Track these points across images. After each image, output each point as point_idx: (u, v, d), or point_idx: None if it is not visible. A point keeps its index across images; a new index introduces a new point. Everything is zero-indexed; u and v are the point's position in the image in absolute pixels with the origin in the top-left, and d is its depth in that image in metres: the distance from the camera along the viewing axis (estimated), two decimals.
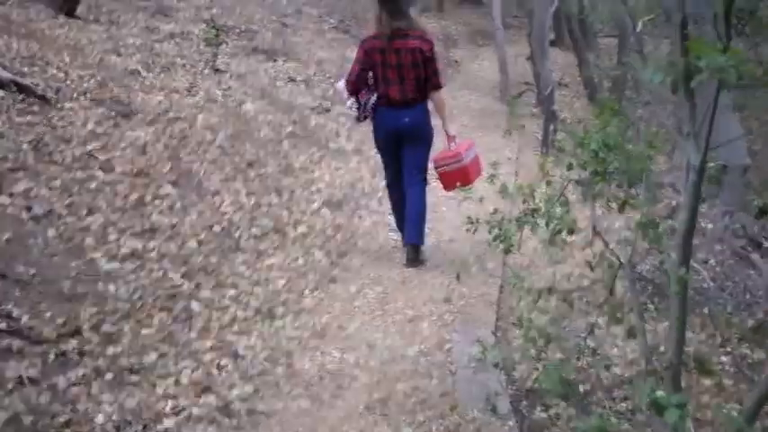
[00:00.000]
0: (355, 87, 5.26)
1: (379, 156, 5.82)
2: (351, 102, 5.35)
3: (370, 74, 5.22)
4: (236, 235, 5.23)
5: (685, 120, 2.39)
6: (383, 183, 7.36)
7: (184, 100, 7.35)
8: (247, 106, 8.08)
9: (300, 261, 5.18)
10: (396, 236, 6.03)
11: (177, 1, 11.64)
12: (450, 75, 15.10)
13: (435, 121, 5.57)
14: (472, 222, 3.96)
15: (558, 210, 3.58)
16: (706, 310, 5.74)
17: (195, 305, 4.16)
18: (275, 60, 10.80)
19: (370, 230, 6.24)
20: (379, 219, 6.59)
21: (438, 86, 5.24)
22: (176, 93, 7.48)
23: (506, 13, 18.27)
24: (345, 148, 8.42)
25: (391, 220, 6.46)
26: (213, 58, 9.14)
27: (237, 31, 11.39)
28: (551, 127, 10.78)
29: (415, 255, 5.30)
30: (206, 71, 8.71)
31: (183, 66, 8.60)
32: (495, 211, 3.93)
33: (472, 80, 15.34)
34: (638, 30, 16.41)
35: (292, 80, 10.11)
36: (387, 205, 6.92)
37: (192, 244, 4.79)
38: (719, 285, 6.26)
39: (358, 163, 8.08)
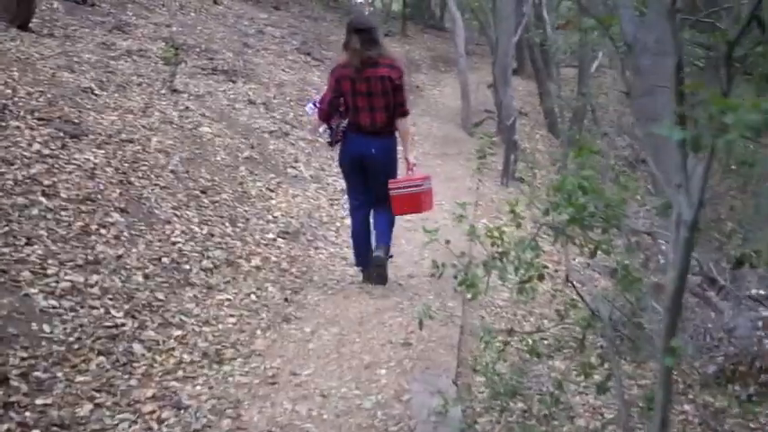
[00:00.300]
0: (327, 115, 5.27)
1: (342, 181, 5.85)
2: (323, 128, 5.40)
3: (342, 100, 5.23)
4: (186, 267, 4.93)
5: (675, 170, 2.19)
6: (344, 212, 7.16)
7: (138, 121, 7.03)
8: (204, 129, 7.79)
9: (253, 297, 4.91)
10: (352, 270, 5.80)
11: (136, 17, 11.30)
12: (412, 100, 14.97)
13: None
14: (438, 267, 3.71)
15: (528, 254, 3.35)
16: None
17: (138, 347, 3.86)
18: (235, 82, 10.51)
19: (326, 263, 5.99)
20: (336, 251, 6.35)
21: (405, 114, 5.25)
22: (130, 113, 7.16)
23: (469, 40, 18.24)
24: (304, 175, 8.17)
25: (349, 253, 6.24)
26: (171, 78, 8.83)
27: (197, 50, 11.09)
28: (512, 157, 10.62)
29: (381, 275, 5.42)
30: (163, 91, 8.40)
31: (140, 85, 8.28)
32: (462, 254, 3.68)
33: (434, 106, 15.23)
34: (597, 61, 16.49)
35: (252, 103, 9.84)
36: (345, 236, 6.70)
37: (138, 278, 4.48)
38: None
39: (316, 191, 7.83)
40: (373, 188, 5.35)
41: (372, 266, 5.37)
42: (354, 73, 5.01)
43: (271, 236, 6.09)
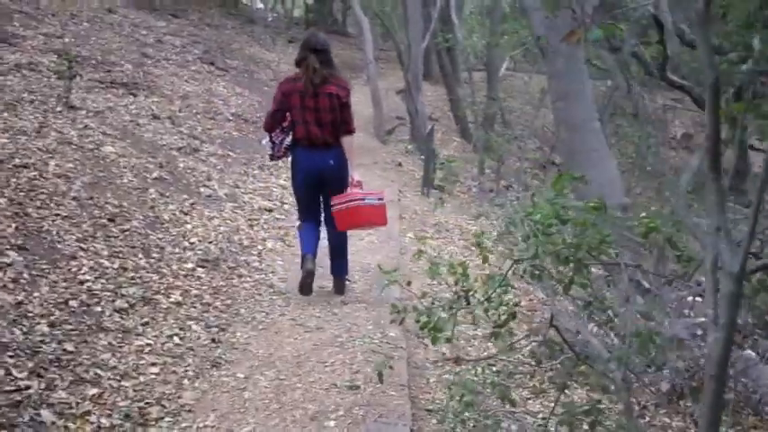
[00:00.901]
0: (270, 127, 5.41)
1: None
2: (265, 141, 5.50)
3: (287, 114, 5.33)
4: (98, 310, 4.36)
5: (712, 211, 1.84)
6: (264, 234, 6.68)
7: (33, 143, 6.35)
8: (107, 148, 7.15)
9: (176, 339, 4.37)
10: (281, 300, 5.34)
11: (23, 28, 10.45)
12: None
13: None
14: (399, 311, 3.30)
15: (502, 294, 2.98)
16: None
17: (47, 414, 3.28)
18: (136, 95, 9.83)
19: (252, 293, 5.49)
20: (261, 278, 5.85)
21: (351, 132, 5.36)
22: (23, 134, 6.48)
23: (373, 45, 17.93)
24: (218, 194, 7.62)
25: (275, 280, 5.78)
26: (66, 93, 8.12)
27: (93, 62, 10.34)
28: (432, 166, 10.32)
29: (342, 284, 5.57)
30: (58, 108, 7.70)
31: (32, 102, 7.56)
32: (424, 295, 3.29)
33: None
34: (505, 65, 16.46)
35: (156, 117, 9.20)
36: (268, 260, 6.23)
37: (43, 327, 3.89)
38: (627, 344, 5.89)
39: (233, 211, 7.30)
40: (328, 202, 5.41)
41: (335, 288, 5.59)
42: (305, 88, 5.13)
43: (189, 265, 5.55)
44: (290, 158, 5.56)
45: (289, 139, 5.34)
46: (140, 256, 5.34)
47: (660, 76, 15.21)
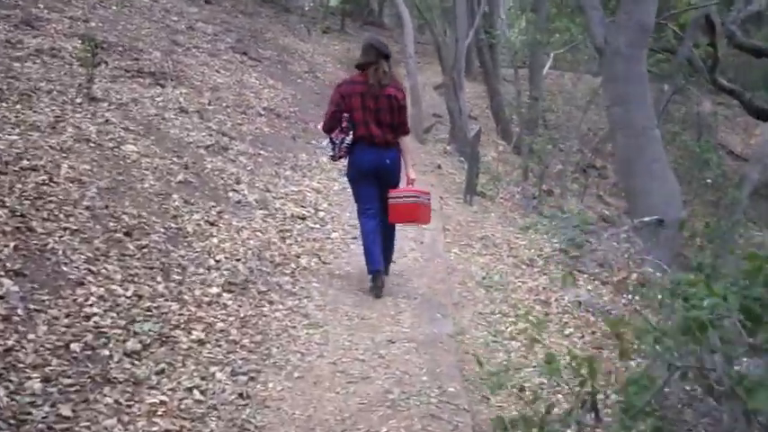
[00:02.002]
0: (330, 128, 5.44)
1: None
2: (326, 142, 5.56)
3: (345, 115, 5.37)
4: (105, 354, 3.61)
5: None
6: (297, 249, 5.95)
7: (46, 140, 5.63)
8: (128, 147, 6.41)
9: (196, 394, 3.60)
10: (318, 335, 4.57)
11: (48, 11, 9.72)
12: None
13: None
14: (506, 428, 2.46)
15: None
16: None
17: None
18: (163, 86, 9.09)
19: (286, 325, 4.71)
20: (295, 304, 5.08)
21: (407, 132, 5.55)
22: (36, 130, 5.76)
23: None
24: (248, 200, 6.86)
25: (310, 306, 5.02)
26: (88, 83, 7.40)
27: (119, 49, 9.60)
28: (475, 171, 9.48)
29: (381, 280, 5.45)
30: (78, 100, 6.97)
31: (49, 92, 6.83)
32: (534, 399, 2.51)
33: None
34: (549, 63, 15.55)
35: (183, 111, 8.45)
36: (303, 282, 5.46)
37: (35, 383, 3.15)
38: None
39: (264, 220, 6.54)
40: (383, 197, 5.51)
41: (374, 282, 5.45)
42: (365, 89, 5.29)
43: (214, 290, 4.79)
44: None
45: (349, 139, 5.38)
46: (159, 279, 4.59)
47: (710, 80, 14.30)
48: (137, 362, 3.67)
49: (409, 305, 5.28)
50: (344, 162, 5.80)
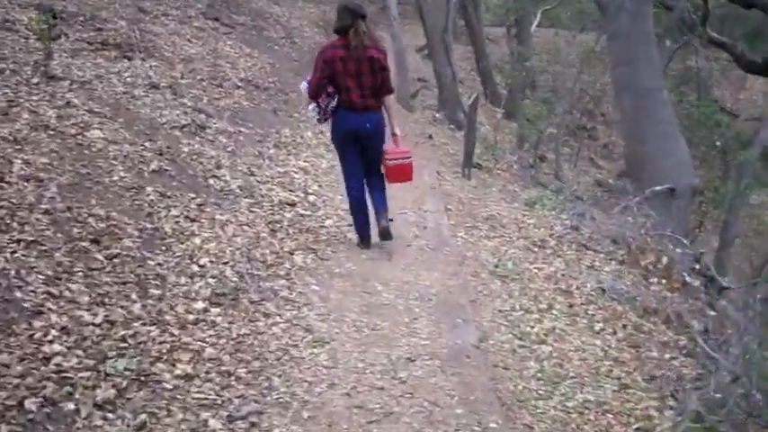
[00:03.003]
0: (316, 94, 5.40)
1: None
2: (312, 106, 5.50)
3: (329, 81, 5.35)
4: (70, 409, 2.88)
5: None
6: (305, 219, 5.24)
7: None
8: (94, 133, 5.62)
9: None
10: (324, 355, 3.87)
11: None
12: None
13: None
14: None
15: None
16: None
17: None
18: (131, 59, 8.23)
19: (286, 344, 4.00)
20: (294, 315, 4.36)
21: (390, 91, 5.56)
22: None
23: None
24: (231, 187, 6.11)
25: (311, 317, 4.32)
26: (46, 60, 6.55)
27: (81, 19, 8.69)
28: (472, 142, 8.75)
29: (387, 234, 5.59)
30: (35, 80, 6.14)
31: (1, 72, 6.00)
32: None
33: None
34: (537, 20, 14.77)
35: (154, 87, 7.61)
36: (300, 284, 4.75)
37: None
38: None
39: (250, 210, 5.81)
40: (367, 160, 5.58)
41: (380, 235, 5.60)
42: (345, 53, 5.23)
43: (200, 304, 4.07)
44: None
45: (334, 102, 5.37)
46: (134, 296, 3.85)
47: (702, 34, 13.58)
48: (110, 415, 2.95)
49: (424, 309, 4.58)
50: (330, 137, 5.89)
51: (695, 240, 9.43)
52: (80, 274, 3.80)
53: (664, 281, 6.31)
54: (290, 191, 6.71)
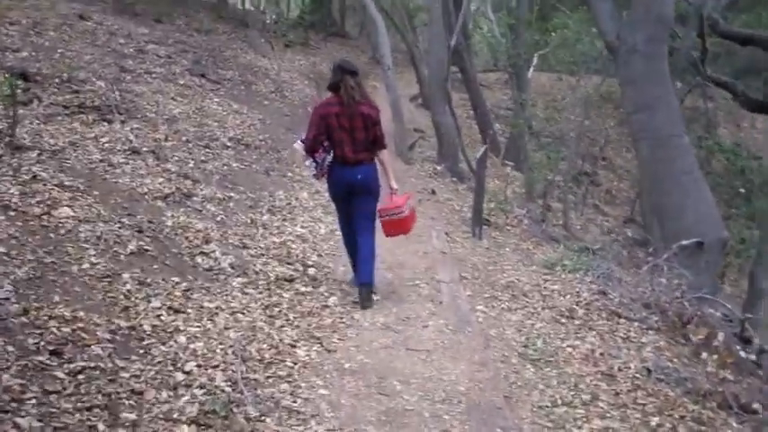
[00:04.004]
0: (312, 149, 5.40)
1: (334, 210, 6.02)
2: (309, 161, 5.49)
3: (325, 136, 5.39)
4: None
5: None
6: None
7: None
8: (62, 212, 4.88)
9: None
10: None
11: None
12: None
13: None
14: None
15: None
16: None
17: None
18: (110, 122, 7.54)
19: None
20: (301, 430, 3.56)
21: (383, 146, 5.55)
22: None
23: (375, 46, 15.66)
24: (221, 265, 5.36)
25: None
26: (11, 128, 5.84)
27: (56, 81, 8.02)
28: (482, 199, 8.02)
29: (368, 294, 5.48)
30: None
31: None
32: None
33: None
34: (533, 66, 14.20)
35: (135, 152, 6.89)
36: (305, 390, 3.96)
37: None
38: None
39: (243, 292, 5.05)
40: (363, 209, 5.56)
41: (361, 295, 5.47)
42: (339, 109, 5.29)
43: (185, 429, 3.26)
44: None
45: (330, 158, 5.41)
46: (101, 427, 3.05)
47: (702, 73, 13.02)
48: None
49: (454, 415, 3.80)
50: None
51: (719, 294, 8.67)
52: (33, 401, 3.00)
53: (714, 356, 5.54)
54: (288, 264, 5.95)
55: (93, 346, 3.58)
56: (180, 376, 3.68)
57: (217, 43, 13.83)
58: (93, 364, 3.44)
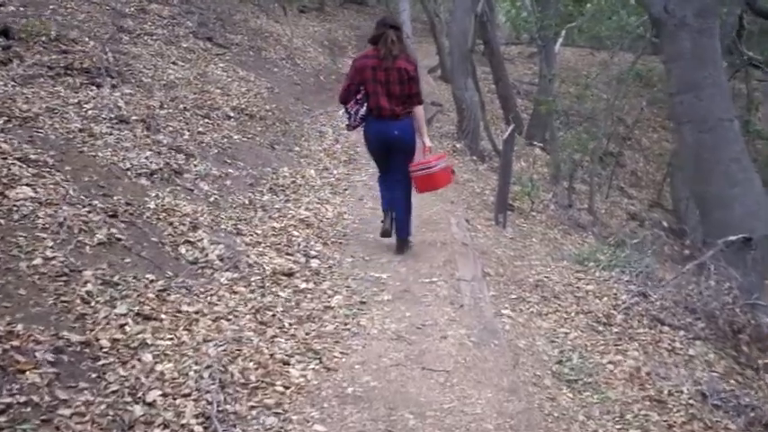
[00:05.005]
0: (345, 100, 5.41)
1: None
2: (342, 111, 5.73)
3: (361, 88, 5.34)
4: None
5: None
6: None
7: None
8: (20, 192, 4.06)
9: None
10: None
11: None
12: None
13: None
14: None
15: None
16: None
17: None
18: (100, 86, 6.70)
19: None
20: None
21: (420, 102, 5.44)
22: None
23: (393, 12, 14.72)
24: (208, 257, 4.57)
25: None
26: None
27: (43, 39, 7.16)
28: (508, 184, 7.15)
29: (404, 245, 5.60)
30: None
31: None
32: None
33: None
34: (561, 40, 13.21)
35: (123, 121, 6.07)
36: (297, 426, 3.13)
37: None
38: None
39: (232, 291, 4.26)
40: (393, 166, 5.54)
41: (396, 249, 5.59)
42: (376, 62, 5.20)
43: None
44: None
45: (363, 110, 5.35)
46: None
47: (739, 53, 12.03)
48: None
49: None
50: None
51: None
52: None
53: None
54: (287, 255, 5.14)
55: (28, 373, 2.78)
56: (138, 410, 2.88)
57: (227, 5, 12.88)
58: (23, 399, 2.65)
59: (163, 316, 3.65)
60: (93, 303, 3.45)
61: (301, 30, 14.63)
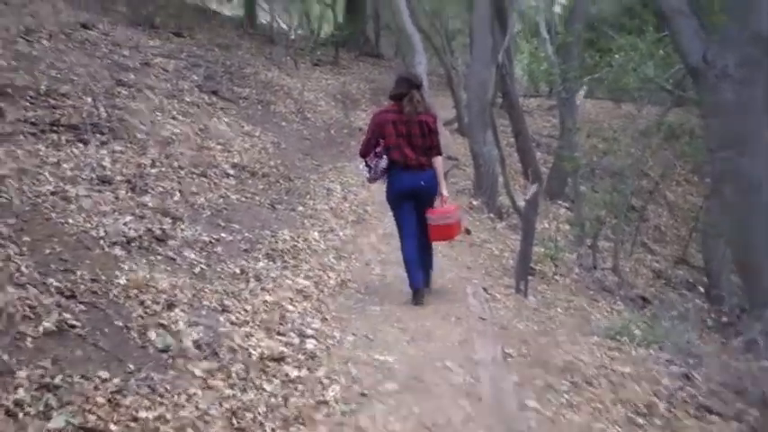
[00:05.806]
0: (365, 153, 5.50)
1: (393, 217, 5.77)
2: (363, 165, 5.59)
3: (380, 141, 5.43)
4: None
5: None
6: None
7: None
8: None
9: None
10: None
11: None
12: (351, 148, 10.71)
13: None
14: None
15: None
16: None
17: None
18: (87, 143, 6.11)
19: None
20: None
21: (440, 153, 5.52)
22: None
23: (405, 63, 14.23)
24: (183, 344, 3.82)
25: None
26: None
27: (30, 94, 6.59)
28: (530, 248, 6.41)
29: (421, 297, 5.45)
30: None
31: None
32: None
33: None
34: (583, 92, 12.58)
35: (105, 182, 5.44)
36: None
37: None
38: None
39: (207, 386, 3.53)
40: (418, 217, 5.52)
41: (414, 297, 5.46)
42: (397, 117, 5.31)
43: None
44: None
45: (383, 163, 5.40)
46: None
47: None
48: None
49: None
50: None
51: None
52: None
53: None
54: (279, 335, 4.40)
55: None
56: None
57: (236, 59, 12.41)
58: None
59: (112, 427, 2.91)
60: (20, 416, 2.73)
61: (314, 83, 14.12)
